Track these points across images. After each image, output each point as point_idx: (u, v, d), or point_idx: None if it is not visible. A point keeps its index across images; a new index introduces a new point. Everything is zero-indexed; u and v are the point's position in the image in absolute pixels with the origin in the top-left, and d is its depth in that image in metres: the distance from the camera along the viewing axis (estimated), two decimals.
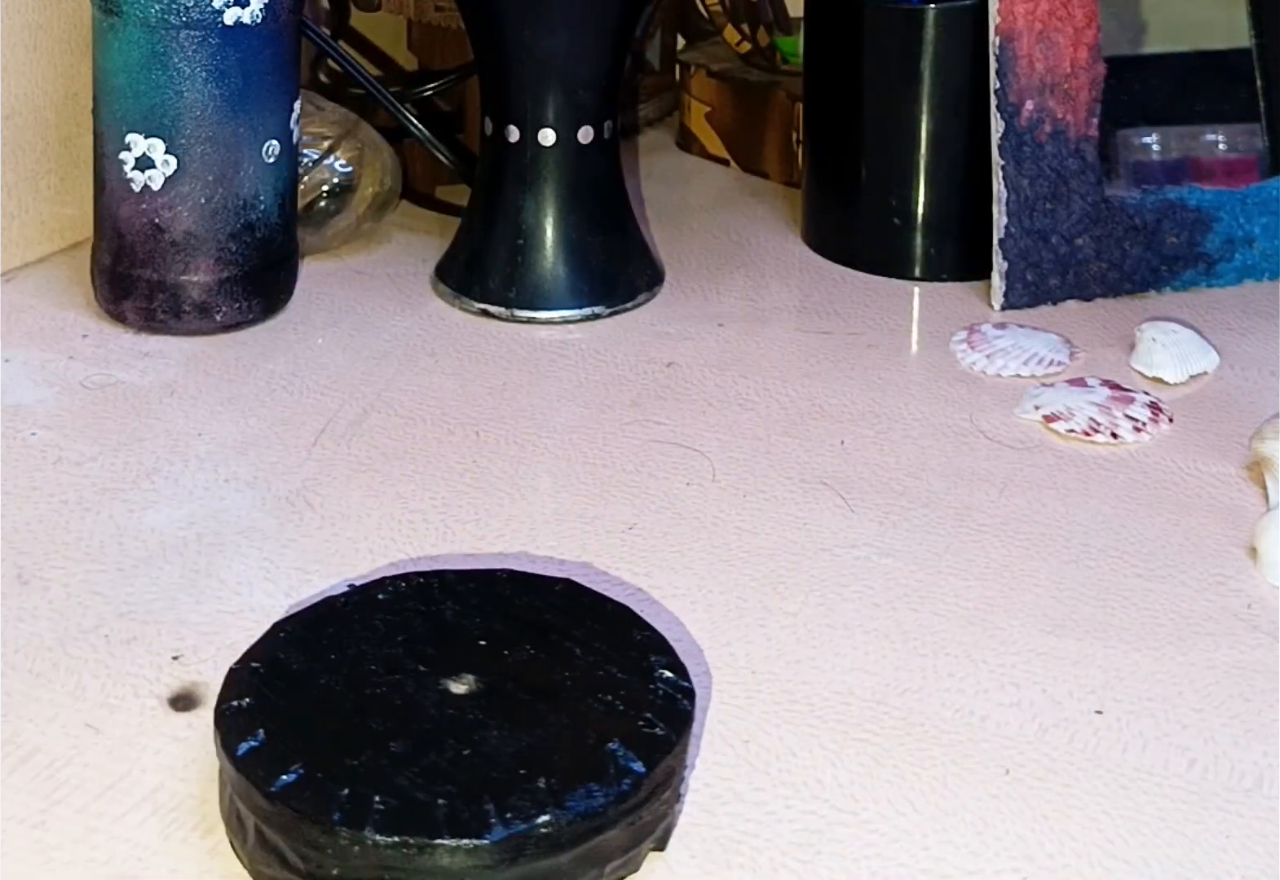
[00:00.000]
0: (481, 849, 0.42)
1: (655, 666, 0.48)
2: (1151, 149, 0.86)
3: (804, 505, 0.64)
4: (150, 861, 0.46)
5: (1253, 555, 0.61)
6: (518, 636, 0.49)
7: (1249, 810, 0.48)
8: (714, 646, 0.55)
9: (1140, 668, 0.55)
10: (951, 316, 0.81)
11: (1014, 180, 0.79)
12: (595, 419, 0.70)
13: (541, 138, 0.78)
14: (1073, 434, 0.69)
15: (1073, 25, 0.79)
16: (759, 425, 0.70)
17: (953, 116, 0.82)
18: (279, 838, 0.43)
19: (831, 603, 0.58)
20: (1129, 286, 0.82)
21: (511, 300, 0.79)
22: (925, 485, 0.66)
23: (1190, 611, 0.58)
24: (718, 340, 0.78)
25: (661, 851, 0.46)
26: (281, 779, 0.43)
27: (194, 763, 0.49)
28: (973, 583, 0.59)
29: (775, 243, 0.90)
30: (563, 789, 0.43)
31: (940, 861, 0.46)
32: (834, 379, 0.74)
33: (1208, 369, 0.75)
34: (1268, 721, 0.52)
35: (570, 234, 0.80)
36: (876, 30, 0.83)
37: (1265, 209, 0.83)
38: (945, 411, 0.72)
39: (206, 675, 0.53)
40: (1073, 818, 0.48)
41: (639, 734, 0.45)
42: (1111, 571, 0.60)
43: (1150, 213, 0.81)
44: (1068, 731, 0.52)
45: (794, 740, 0.51)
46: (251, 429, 0.69)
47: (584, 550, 0.61)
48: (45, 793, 0.48)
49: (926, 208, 0.84)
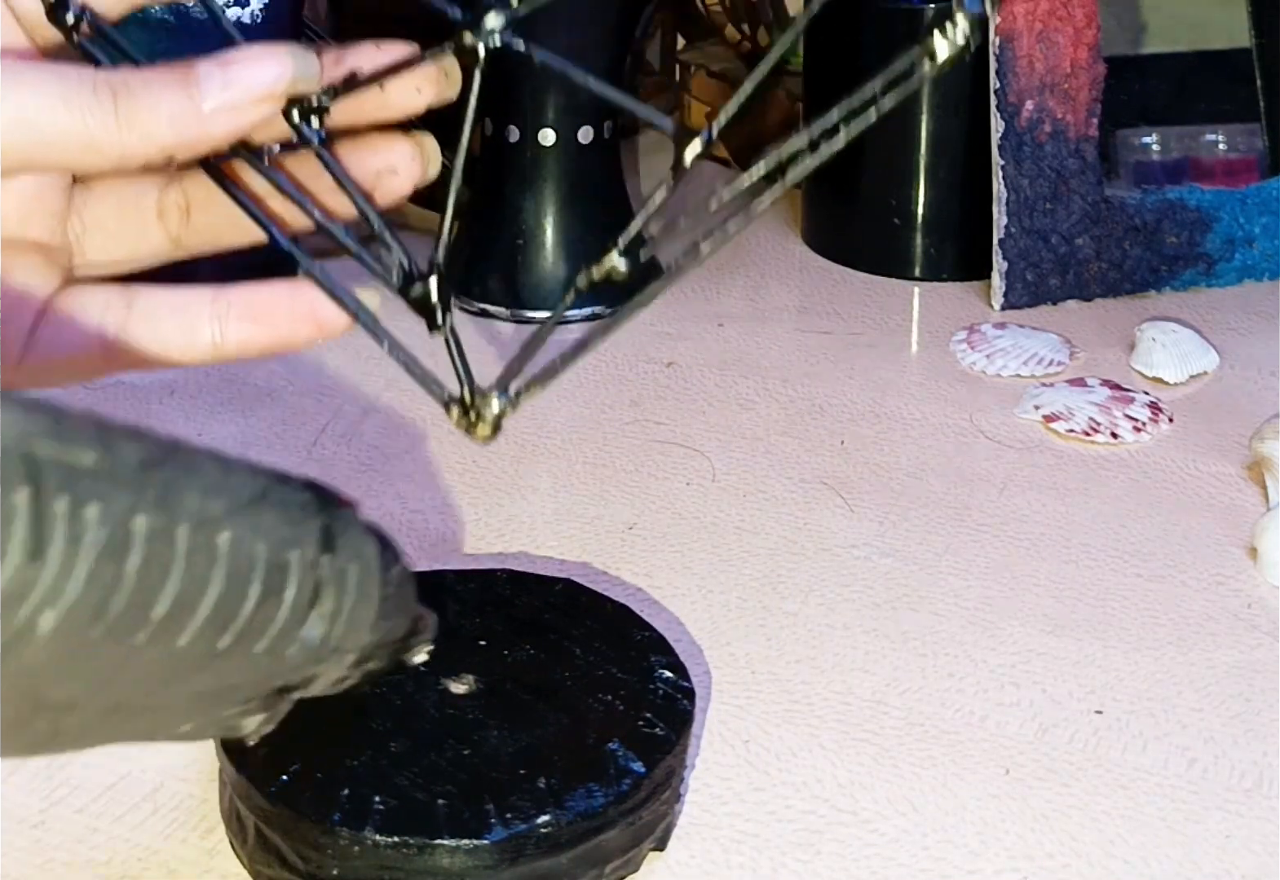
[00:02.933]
0: (482, 849, 0.42)
1: (655, 666, 0.48)
2: (1151, 149, 0.86)
3: (804, 505, 0.64)
4: (150, 861, 0.46)
5: (1253, 555, 0.61)
6: (517, 636, 0.49)
7: (1249, 810, 0.48)
8: (714, 646, 0.55)
9: (1140, 668, 0.55)
10: (951, 316, 0.81)
11: (1014, 180, 0.79)
12: (595, 419, 0.70)
13: (541, 138, 0.78)
14: (1073, 434, 0.69)
15: (1073, 25, 0.79)
16: (759, 425, 0.70)
17: (953, 116, 0.82)
18: (279, 838, 0.43)
19: (831, 603, 0.58)
20: (1129, 286, 0.82)
21: (511, 300, 0.79)
22: (925, 485, 0.66)
23: (1190, 611, 0.58)
24: (718, 340, 0.78)
25: (661, 851, 0.46)
26: (281, 779, 0.43)
27: (194, 763, 0.49)
28: (973, 583, 0.59)
29: (775, 243, 0.90)
30: (563, 789, 0.43)
31: (940, 861, 0.46)
32: (834, 379, 0.74)
33: (1208, 369, 0.75)
34: (1268, 721, 0.52)
35: (570, 234, 0.80)
36: (876, 30, 0.83)
37: (1265, 209, 0.83)
38: (945, 411, 0.72)
39: None
40: (1073, 818, 0.48)
41: (639, 734, 0.45)
42: (1111, 571, 0.60)
43: (1150, 213, 0.81)
44: (1068, 731, 0.52)
45: (794, 740, 0.51)
46: (251, 429, 0.69)
47: (584, 550, 0.61)
48: (45, 793, 0.48)
49: (926, 208, 0.84)
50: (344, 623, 0.34)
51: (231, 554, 0.31)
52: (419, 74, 0.41)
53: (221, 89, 0.38)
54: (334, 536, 0.34)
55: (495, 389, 0.41)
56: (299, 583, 0.33)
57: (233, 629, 0.31)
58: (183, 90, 0.38)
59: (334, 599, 0.34)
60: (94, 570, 0.28)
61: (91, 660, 0.29)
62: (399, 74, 0.40)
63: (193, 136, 0.38)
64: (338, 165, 0.41)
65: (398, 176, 0.43)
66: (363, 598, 0.35)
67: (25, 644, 0.27)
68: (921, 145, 0.83)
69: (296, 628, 0.33)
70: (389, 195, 0.43)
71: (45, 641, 0.27)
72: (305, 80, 0.39)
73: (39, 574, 0.27)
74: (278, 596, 0.32)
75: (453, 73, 0.41)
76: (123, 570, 0.28)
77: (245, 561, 0.31)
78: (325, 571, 0.34)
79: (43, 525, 0.27)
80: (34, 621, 0.27)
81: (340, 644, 0.35)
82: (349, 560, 0.35)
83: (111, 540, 0.28)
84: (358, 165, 0.42)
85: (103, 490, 0.28)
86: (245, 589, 0.31)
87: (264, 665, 0.33)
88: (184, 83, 0.38)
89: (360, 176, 0.42)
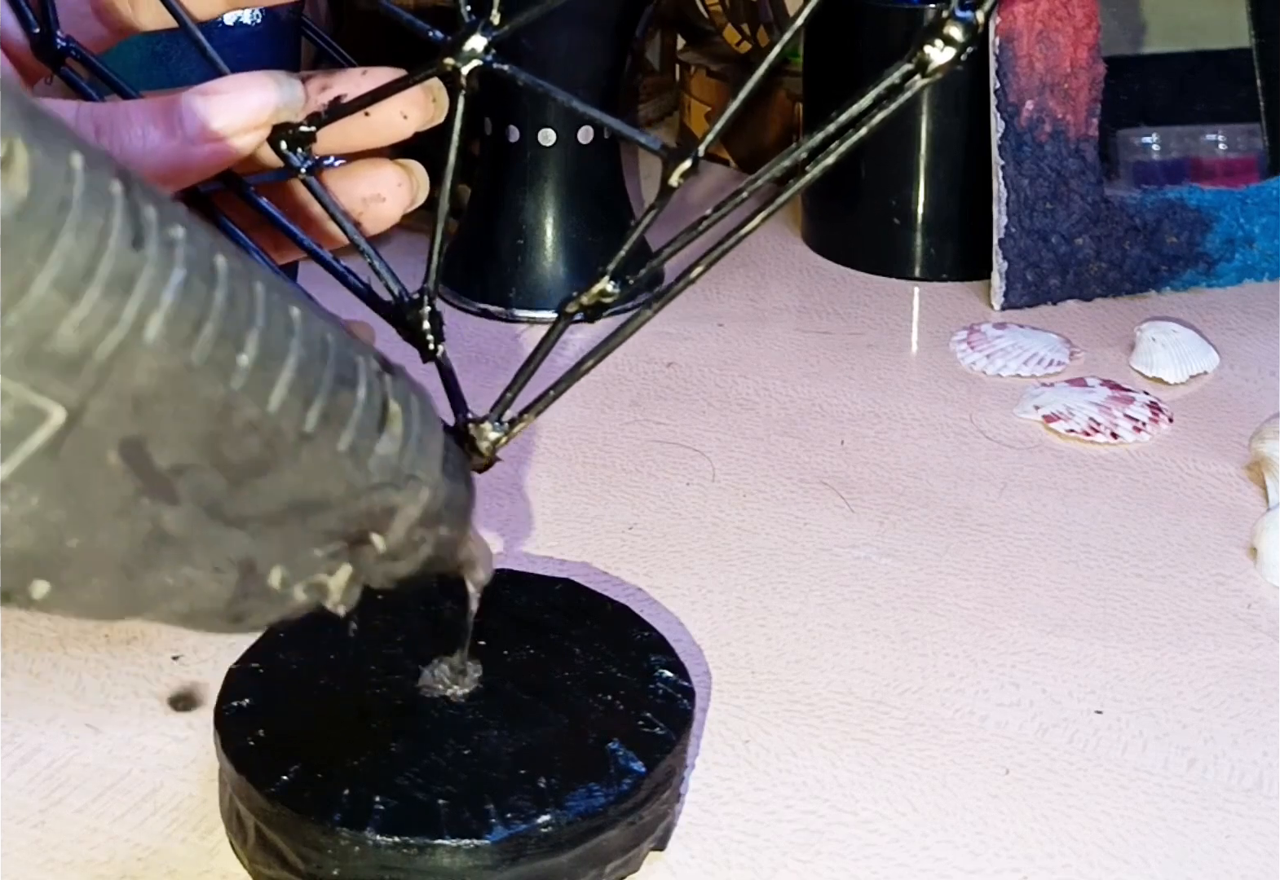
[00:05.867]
0: (482, 849, 0.42)
1: (655, 666, 0.48)
2: (1151, 149, 0.86)
3: (804, 505, 0.64)
4: (150, 861, 0.46)
5: (1253, 555, 0.61)
6: (517, 636, 0.49)
7: (1249, 810, 0.48)
8: (714, 646, 0.55)
9: (1140, 668, 0.55)
10: (951, 316, 0.81)
11: (1014, 180, 0.79)
12: (595, 419, 0.70)
13: (542, 138, 0.78)
14: (1072, 434, 0.69)
15: (1073, 25, 0.79)
16: (759, 425, 0.70)
17: (953, 116, 0.82)
18: (279, 838, 0.43)
19: (831, 603, 0.58)
20: (1129, 286, 0.82)
21: (511, 300, 0.79)
22: (925, 485, 0.66)
23: (1190, 611, 0.58)
24: (718, 340, 0.78)
25: (661, 851, 0.46)
26: (281, 779, 0.43)
27: (194, 763, 0.49)
28: (973, 583, 0.59)
29: (775, 243, 0.90)
30: (563, 789, 0.43)
31: (940, 861, 0.46)
32: (834, 379, 0.74)
33: (1208, 369, 0.75)
34: (1268, 721, 0.52)
35: (570, 234, 0.80)
36: (876, 30, 0.83)
37: (1265, 209, 0.83)
38: (945, 411, 0.72)
39: (206, 675, 0.53)
40: (1073, 818, 0.48)
41: (639, 734, 0.45)
42: (1111, 571, 0.60)
43: (1150, 213, 0.81)
44: (1068, 731, 0.52)
45: (794, 740, 0.51)
46: None
47: (584, 550, 0.61)
48: (45, 793, 0.48)
49: (926, 208, 0.84)
50: (415, 448, 0.35)
51: (305, 328, 0.31)
52: (405, 99, 0.41)
53: (205, 120, 0.38)
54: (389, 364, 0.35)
55: (490, 418, 0.41)
56: (368, 385, 0.33)
57: (316, 407, 0.31)
58: (165, 123, 0.38)
59: (403, 421, 0.34)
60: (188, 283, 0.27)
61: (193, 404, 0.28)
62: (385, 99, 0.40)
63: (177, 170, 0.38)
64: (325, 193, 0.41)
65: (385, 203, 0.43)
66: (429, 428, 0.36)
67: (135, 352, 0.27)
68: (921, 145, 0.83)
69: (373, 437, 0.33)
70: (377, 222, 0.43)
71: (152, 355, 0.27)
72: (290, 108, 0.39)
73: (142, 265, 0.26)
74: (351, 389, 0.32)
75: (440, 97, 0.41)
76: (212, 296, 0.28)
77: (318, 341, 0.31)
78: (390, 388, 0.34)
79: (139, 220, 0.26)
80: (143, 322, 0.26)
81: (414, 470, 0.35)
82: (410, 389, 0.35)
83: (200, 262, 0.28)
84: (346, 192, 0.42)
85: (184, 219, 0.28)
86: (321, 368, 0.31)
87: (348, 472, 0.33)
88: (166, 115, 0.38)
89: (348, 203, 0.42)
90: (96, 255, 0.26)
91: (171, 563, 0.31)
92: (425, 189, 0.44)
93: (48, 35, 0.42)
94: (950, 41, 0.33)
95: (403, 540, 0.36)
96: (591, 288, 0.39)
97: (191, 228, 0.28)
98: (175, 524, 0.30)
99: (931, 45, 0.33)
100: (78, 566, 0.29)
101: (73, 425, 0.27)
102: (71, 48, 0.42)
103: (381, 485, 0.34)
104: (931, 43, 0.33)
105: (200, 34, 0.42)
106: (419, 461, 0.35)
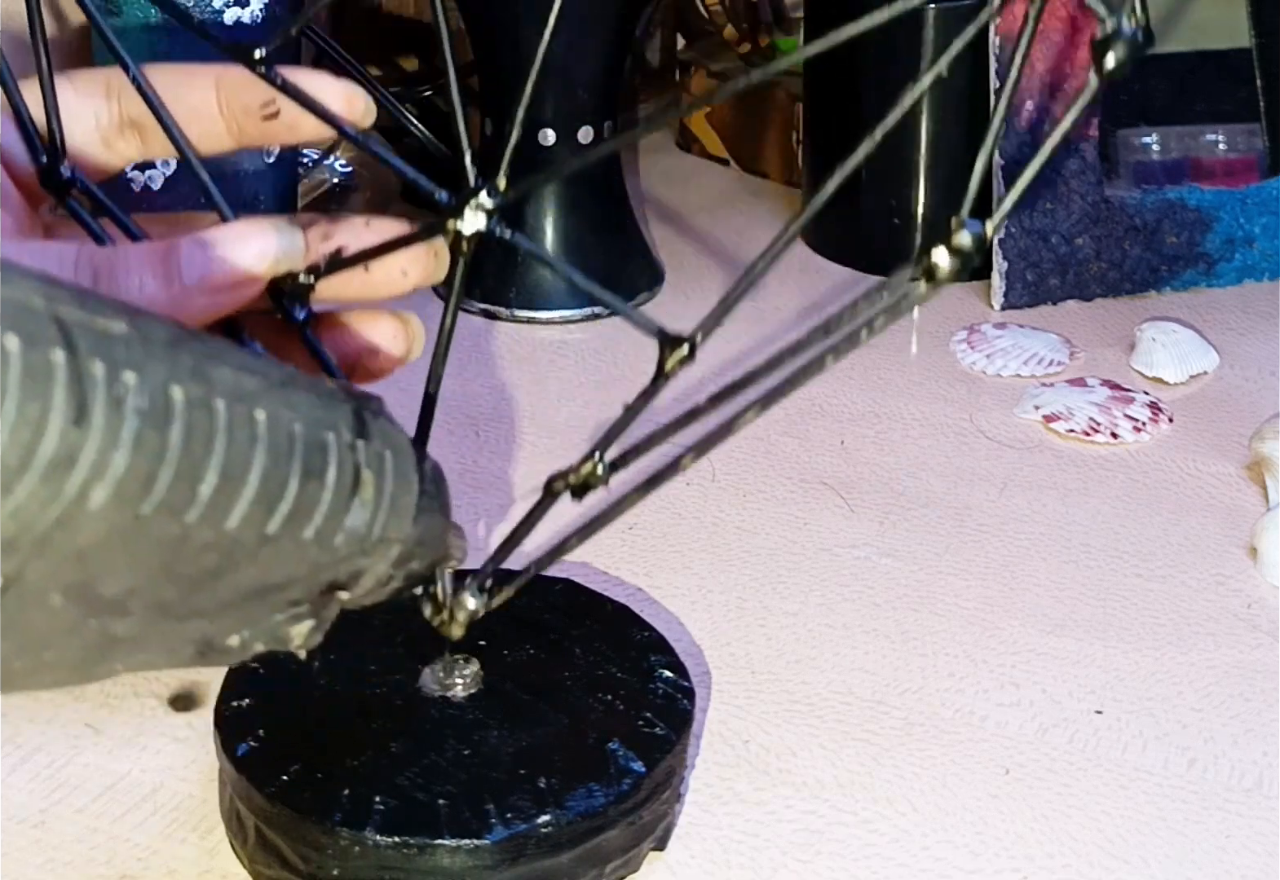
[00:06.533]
0: (482, 849, 0.42)
1: (655, 666, 0.48)
2: (1151, 149, 0.86)
3: (804, 505, 0.64)
4: (150, 861, 0.46)
5: (1253, 555, 0.61)
6: (517, 636, 0.49)
7: (1249, 810, 0.48)
8: (714, 646, 0.55)
9: (1140, 668, 0.55)
10: (951, 316, 0.81)
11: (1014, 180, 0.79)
12: (595, 419, 0.70)
13: (541, 138, 0.78)
14: (1072, 434, 0.69)
15: (1073, 25, 0.79)
16: (759, 425, 0.70)
17: (953, 116, 0.82)
18: (279, 838, 0.43)
19: (831, 603, 0.58)
20: (1129, 286, 0.82)
21: (511, 300, 0.79)
22: (925, 485, 0.66)
23: (1190, 611, 0.58)
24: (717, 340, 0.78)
25: (661, 851, 0.46)
26: (281, 779, 0.43)
27: (194, 763, 0.49)
28: (973, 583, 0.59)
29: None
30: (563, 789, 0.43)
31: (940, 861, 0.46)
32: (834, 379, 0.74)
33: (1208, 369, 0.75)
34: (1268, 721, 0.52)
35: (570, 234, 0.80)
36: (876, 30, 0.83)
37: (1265, 209, 0.83)
38: (945, 411, 0.72)
39: (206, 675, 0.53)
40: (1073, 818, 0.48)
41: (639, 734, 0.45)
42: (1111, 571, 0.60)
43: (1150, 213, 0.81)
44: (1068, 731, 0.52)
45: (794, 740, 0.51)
46: None
47: (584, 550, 0.61)
48: (45, 793, 0.48)
49: (926, 208, 0.84)
50: (386, 509, 0.34)
51: (270, 431, 0.30)
52: (407, 255, 0.40)
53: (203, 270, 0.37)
54: (365, 423, 0.34)
55: (470, 588, 0.41)
56: (339, 464, 0.32)
57: (280, 512, 0.30)
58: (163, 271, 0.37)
59: (374, 485, 0.33)
60: (139, 437, 0.26)
61: (144, 544, 0.28)
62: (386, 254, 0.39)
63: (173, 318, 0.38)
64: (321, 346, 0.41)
65: (379, 357, 0.42)
66: (402, 484, 0.35)
67: (78, 521, 0.26)
68: (921, 145, 0.83)
69: (341, 514, 0.32)
70: (370, 375, 0.42)
71: (98, 518, 0.26)
72: (290, 257, 0.38)
73: (84, 440, 0.25)
74: (319, 478, 0.32)
75: (442, 252, 0.40)
76: (167, 440, 0.27)
77: (285, 439, 0.30)
78: (362, 456, 0.33)
79: (83, 388, 0.25)
80: (86, 494, 0.26)
81: (385, 533, 0.34)
82: (384, 446, 0.34)
83: (153, 407, 0.27)
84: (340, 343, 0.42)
85: (137, 358, 0.27)
86: (287, 468, 0.30)
87: (312, 555, 0.32)
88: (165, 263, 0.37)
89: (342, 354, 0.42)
90: (32, 446, 0.25)
91: (124, 654, 0.31)
92: (421, 343, 0.43)
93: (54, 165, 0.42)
94: (957, 252, 0.32)
95: (370, 588, 0.36)
96: (581, 468, 0.39)
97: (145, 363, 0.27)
98: (127, 629, 0.30)
99: (939, 255, 0.33)
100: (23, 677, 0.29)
101: (11, 586, 0.26)
102: (78, 178, 0.42)
103: (349, 556, 0.34)
104: (937, 253, 0.33)
105: (206, 174, 0.41)
106: (390, 523, 0.34)
